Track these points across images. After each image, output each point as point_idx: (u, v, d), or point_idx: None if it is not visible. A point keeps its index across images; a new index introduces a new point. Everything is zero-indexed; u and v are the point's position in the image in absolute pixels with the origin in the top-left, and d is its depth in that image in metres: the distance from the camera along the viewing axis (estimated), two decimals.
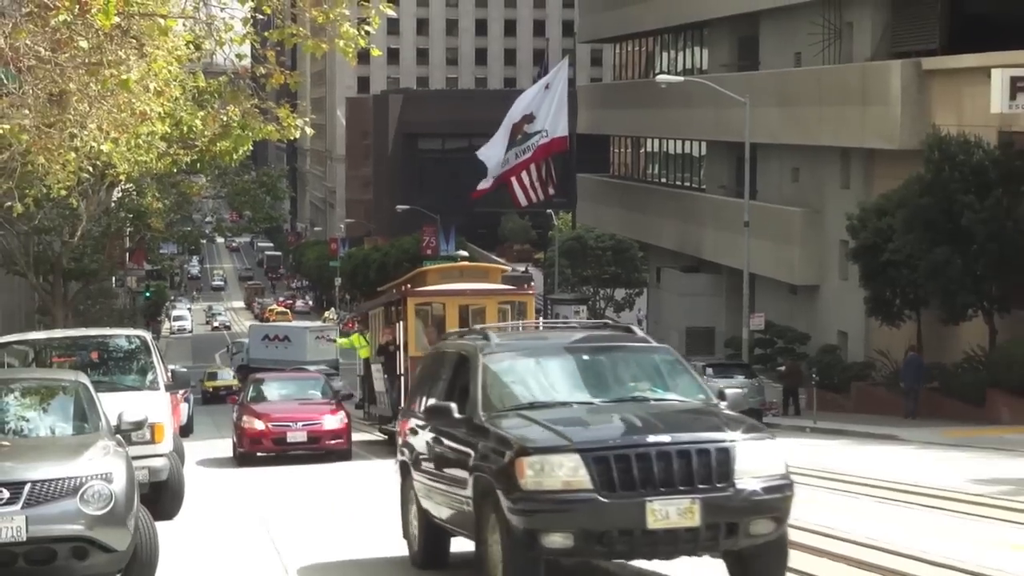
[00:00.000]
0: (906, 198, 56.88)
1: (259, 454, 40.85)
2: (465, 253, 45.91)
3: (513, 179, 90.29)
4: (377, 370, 45.86)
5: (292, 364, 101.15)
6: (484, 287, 42.55)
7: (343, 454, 40.27)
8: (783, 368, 69.51)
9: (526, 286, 45.19)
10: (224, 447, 46.81)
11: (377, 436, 51.16)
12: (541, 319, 39.74)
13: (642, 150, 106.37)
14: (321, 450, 40.12)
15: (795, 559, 18.55)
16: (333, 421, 39.78)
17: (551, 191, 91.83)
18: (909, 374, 59.79)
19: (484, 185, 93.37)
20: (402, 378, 39.63)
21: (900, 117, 63.41)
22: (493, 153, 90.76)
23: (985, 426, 50.30)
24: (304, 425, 39.52)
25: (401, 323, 41.03)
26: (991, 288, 55.90)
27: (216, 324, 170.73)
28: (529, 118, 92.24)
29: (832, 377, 67.29)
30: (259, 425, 39.46)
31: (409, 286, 43.26)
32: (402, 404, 32.61)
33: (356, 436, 50.47)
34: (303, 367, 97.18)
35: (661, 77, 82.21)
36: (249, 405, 41.91)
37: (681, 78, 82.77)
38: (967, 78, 57.44)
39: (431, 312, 41.65)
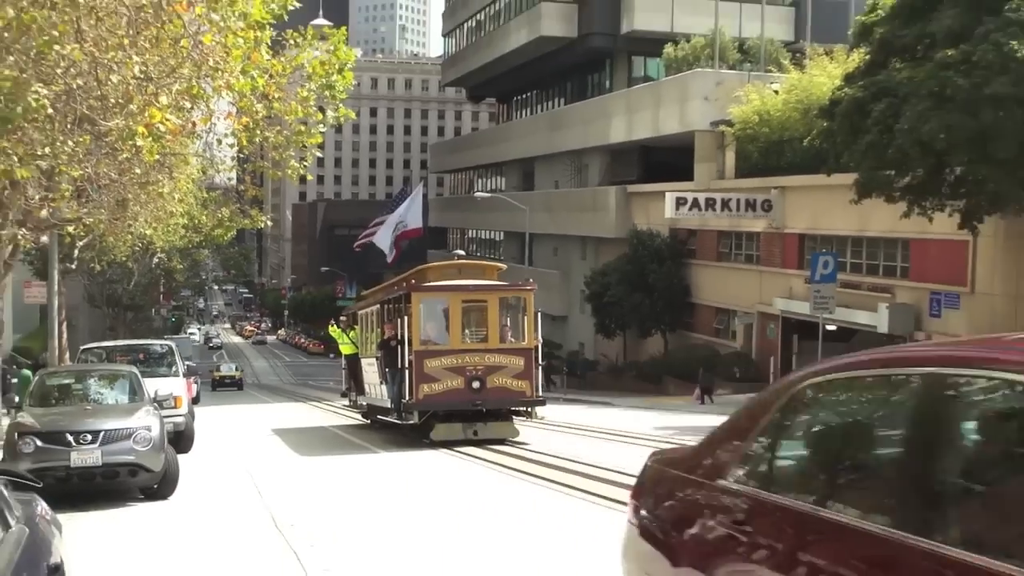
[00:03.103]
0: (618, 266, 57.61)
1: None
2: (462, 252, 32.77)
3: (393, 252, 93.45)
4: (370, 364, 30.85)
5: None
6: (487, 283, 27.99)
7: None
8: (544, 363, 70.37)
9: (523, 283, 29.30)
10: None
11: (361, 420, 34.74)
12: (539, 315, 26.92)
13: (466, 236, 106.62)
14: None
15: (552, 474, 18.59)
16: None
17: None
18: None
19: (390, 256, 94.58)
20: (405, 371, 25.36)
21: (615, 219, 64.08)
22: (383, 237, 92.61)
23: (661, 396, 50.93)
24: None
25: (406, 318, 26.02)
26: (665, 318, 56.73)
27: (211, 345, 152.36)
28: (402, 214, 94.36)
29: (576, 369, 67.94)
30: None
31: (414, 282, 27.54)
32: (405, 396, 24.91)
33: (342, 420, 37.19)
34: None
35: (477, 194, 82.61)
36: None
37: (489, 194, 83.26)
38: (652, 197, 58.21)
39: (435, 307, 26.93)
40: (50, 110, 13.56)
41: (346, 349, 34.36)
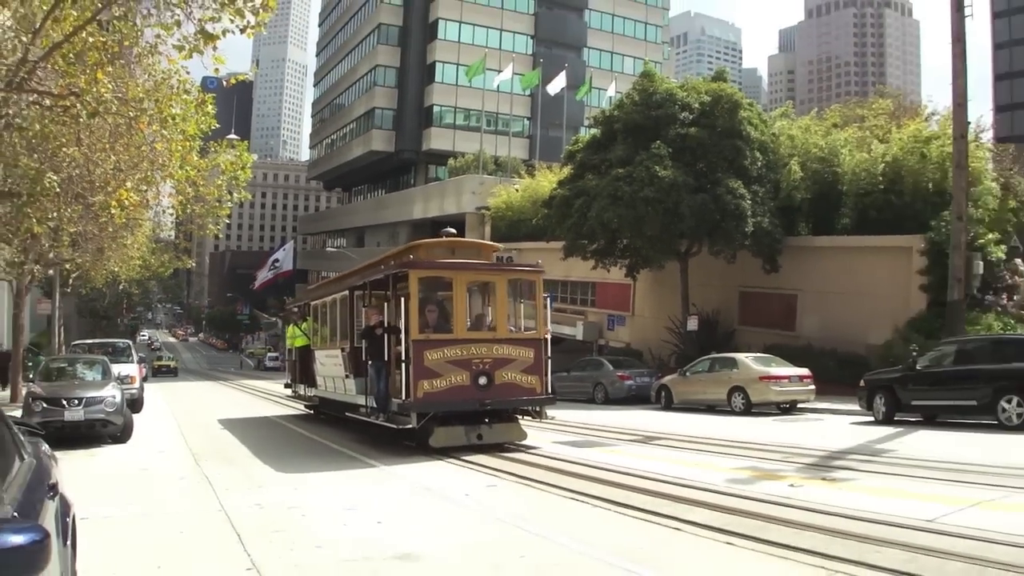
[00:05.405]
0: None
1: None
2: (452, 230, 21.36)
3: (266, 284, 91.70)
4: (330, 356, 18.09)
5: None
6: (493, 263, 15.53)
7: None
8: None
9: (531, 264, 15.32)
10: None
11: (303, 410, 22.29)
12: (549, 300, 14.27)
13: (320, 275, 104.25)
14: None
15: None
16: None
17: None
18: None
19: (263, 280, 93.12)
20: (404, 365, 13.04)
21: None
22: (262, 275, 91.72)
23: None
24: None
25: (402, 300, 13.27)
26: None
27: (152, 347, 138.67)
28: (276, 261, 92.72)
29: None
30: None
31: (411, 257, 14.43)
32: (401, 394, 13.47)
33: (283, 409, 24.26)
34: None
35: (328, 249, 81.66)
36: None
37: (336, 249, 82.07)
38: None
39: (436, 288, 14.48)
40: (57, 189, 13.29)
41: (299, 341, 22.26)
